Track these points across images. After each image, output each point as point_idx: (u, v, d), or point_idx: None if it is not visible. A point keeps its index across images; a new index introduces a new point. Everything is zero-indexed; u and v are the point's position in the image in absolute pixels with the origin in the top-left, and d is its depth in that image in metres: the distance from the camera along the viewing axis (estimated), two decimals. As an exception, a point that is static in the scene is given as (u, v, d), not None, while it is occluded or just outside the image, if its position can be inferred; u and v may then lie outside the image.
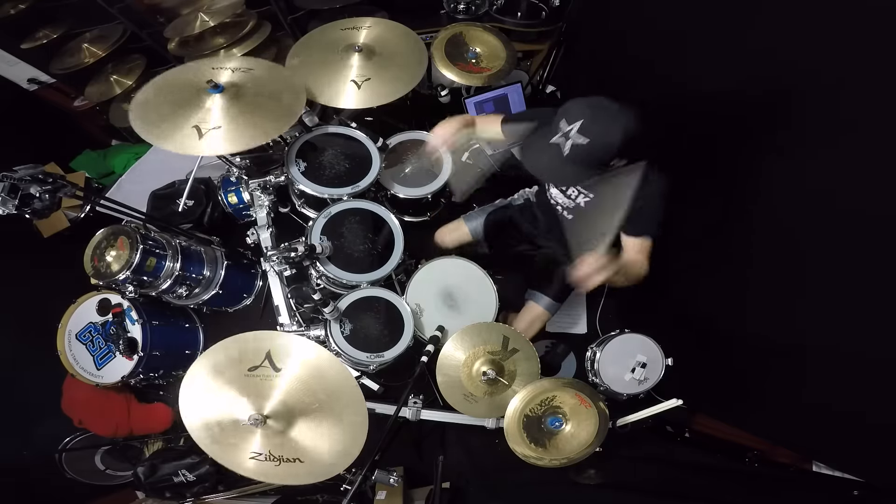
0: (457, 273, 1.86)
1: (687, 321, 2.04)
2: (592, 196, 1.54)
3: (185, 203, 2.22)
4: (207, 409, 1.22)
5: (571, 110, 1.19)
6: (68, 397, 2.02)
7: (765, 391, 1.82)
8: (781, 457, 1.92)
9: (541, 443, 1.45)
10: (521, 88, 2.43)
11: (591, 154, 1.18)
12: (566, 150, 1.19)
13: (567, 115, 1.20)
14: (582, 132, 1.16)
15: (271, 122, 1.62)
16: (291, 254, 1.62)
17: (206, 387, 1.23)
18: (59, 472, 2.01)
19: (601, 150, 1.18)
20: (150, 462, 1.97)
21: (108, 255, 1.80)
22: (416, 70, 1.92)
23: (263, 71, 1.74)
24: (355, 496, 1.17)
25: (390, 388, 1.92)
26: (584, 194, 1.56)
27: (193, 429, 1.20)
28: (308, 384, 1.26)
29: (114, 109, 2.60)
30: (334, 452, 1.23)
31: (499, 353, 1.57)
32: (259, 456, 1.20)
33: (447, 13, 2.59)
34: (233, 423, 1.21)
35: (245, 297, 2.27)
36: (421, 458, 2.07)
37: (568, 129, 1.18)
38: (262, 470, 1.20)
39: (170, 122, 1.57)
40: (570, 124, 1.18)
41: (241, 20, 2.36)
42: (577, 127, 1.16)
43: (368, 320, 1.73)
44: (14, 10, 2.30)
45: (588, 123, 1.16)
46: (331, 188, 1.82)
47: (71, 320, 1.92)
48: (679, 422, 2.07)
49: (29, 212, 1.48)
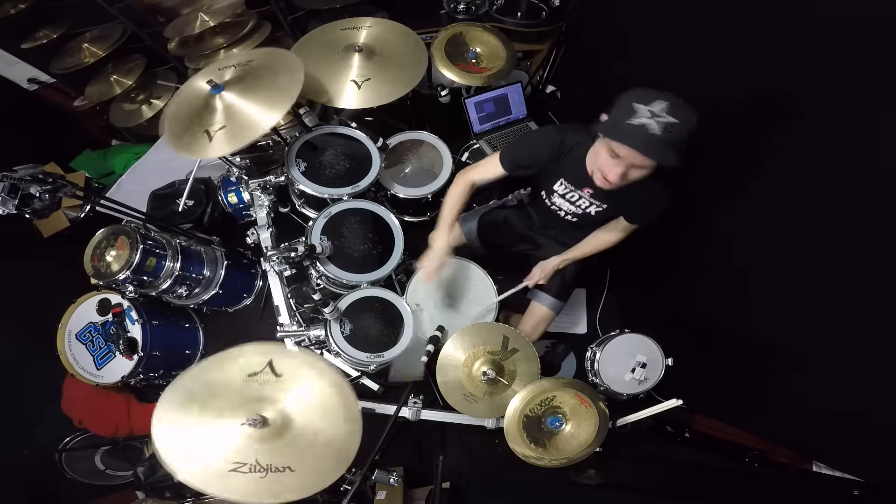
0: (457, 273, 1.86)
1: (687, 321, 2.04)
2: (605, 207, 1.55)
3: (185, 203, 2.22)
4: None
5: (642, 96, 1.20)
6: (68, 397, 2.02)
7: (764, 391, 1.82)
8: (781, 457, 1.92)
9: (541, 443, 1.45)
10: (521, 88, 2.43)
11: (681, 133, 1.18)
12: (659, 130, 1.17)
13: (640, 99, 1.19)
14: (670, 112, 1.16)
15: (271, 106, 1.62)
16: (291, 254, 1.62)
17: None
18: (59, 472, 2.01)
19: (687, 131, 1.18)
20: (150, 462, 1.96)
21: (108, 255, 1.80)
22: (416, 70, 1.91)
23: (262, 59, 1.75)
24: (355, 496, 1.17)
25: (390, 388, 1.92)
26: (595, 204, 1.57)
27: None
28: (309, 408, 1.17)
29: (114, 109, 2.60)
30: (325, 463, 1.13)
31: (499, 353, 1.57)
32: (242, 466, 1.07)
33: (447, 13, 2.59)
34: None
35: (245, 297, 2.27)
36: (421, 458, 2.07)
37: (650, 109, 1.17)
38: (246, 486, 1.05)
39: (189, 131, 1.61)
40: (649, 106, 1.18)
41: (241, 20, 2.36)
42: (664, 107, 1.17)
43: (368, 320, 1.73)
44: (14, 10, 2.31)
45: (671, 105, 1.17)
46: (331, 188, 1.82)
47: (71, 320, 1.92)
48: (679, 422, 2.07)
49: (29, 212, 1.48)
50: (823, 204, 1.34)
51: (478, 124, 2.43)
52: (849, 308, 1.38)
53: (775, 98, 1.38)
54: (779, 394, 1.76)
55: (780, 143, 1.42)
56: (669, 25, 1.76)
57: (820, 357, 1.54)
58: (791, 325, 1.58)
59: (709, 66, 1.60)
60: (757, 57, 1.41)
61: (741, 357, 1.86)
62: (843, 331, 1.42)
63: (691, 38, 1.67)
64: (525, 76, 2.75)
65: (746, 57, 1.45)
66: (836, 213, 1.31)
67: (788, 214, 1.46)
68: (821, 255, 1.41)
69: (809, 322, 1.52)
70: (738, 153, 1.56)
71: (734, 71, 1.50)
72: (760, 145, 1.48)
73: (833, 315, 1.44)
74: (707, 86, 1.62)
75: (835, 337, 1.45)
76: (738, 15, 1.44)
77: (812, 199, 1.37)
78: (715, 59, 1.56)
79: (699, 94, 1.63)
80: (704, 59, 1.61)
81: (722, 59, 1.54)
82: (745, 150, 1.54)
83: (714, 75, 1.58)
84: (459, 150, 2.44)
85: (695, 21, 1.63)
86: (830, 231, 1.35)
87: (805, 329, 1.54)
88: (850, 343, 1.42)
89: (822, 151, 1.30)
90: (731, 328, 1.84)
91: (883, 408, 1.40)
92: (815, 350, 1.54)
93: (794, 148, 1.38)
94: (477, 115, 2.41)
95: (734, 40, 1.48)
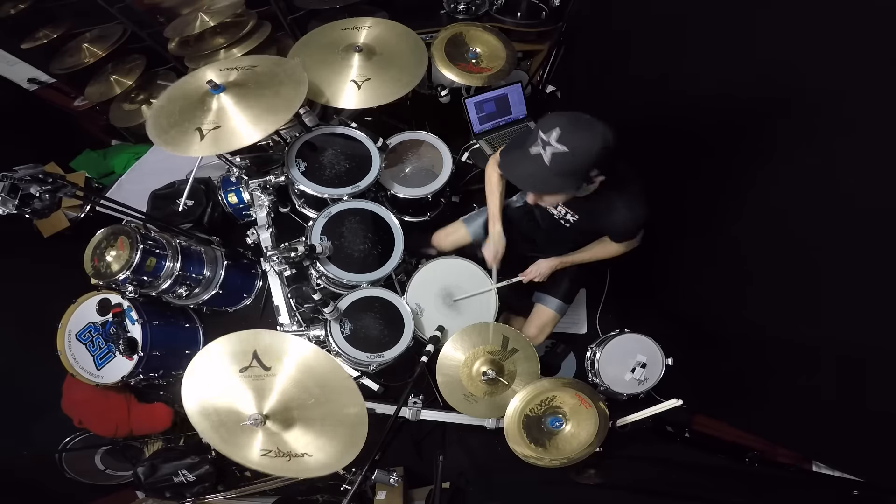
0: (457, 273, 1.86)
1: (687, 321, 2.04)
2: (578, 217, 1.56)
3: (185, 203, 2.22)
4: (212, 400, 1.23)
5: (548, 121, 1.21)
6: (68, 397, 2.02)
7: (765, 391, 1.82)
8: (781, 457, 1.92)
9: (541, 443, 1.44)
10: (521, 88, 2.43)
11: (572, 163, 1.20)
12: (547, 159, 1.20)
13: (543, 126, 1.21)
14: (561, 141, 1.18)
15: (272, 114, 1.61)
16: (291, 254, 1.62)
17: (210, 378, 1.24)
18: (59, 472, 2.01)
19: (581, 158, 1.19)
20: (150, 462, 1.97)
21: (108, 255, 1.80)
22: (416, 70, 1.91)
23: (267, 66, 1.74)
24: (355, 496, 1.16)
25: (390, 388, 1.92)
26: (570, 213, 1.57)
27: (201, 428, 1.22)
28: (300, 380, 1.25)
29: (114, 109, 2.60)
30: (336, 448, 1.24)
31: (499, 353, 1.57)
32: (270, 453, 1.22)
33: (447, 13, 2.59)
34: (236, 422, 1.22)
35: (245, 297, 2.27)
36: (421, 458, 2.07)
37: (546, 137, 1.19)
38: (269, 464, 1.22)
39: (178, 127, 1.59)
40: (547, 133, 1.19)
41: (241, 20, 2.36)
42: (556, 135, 1.18)
43: (368, 320, 1.73)
44: (14, 10, 2.31)
45: (566, 132, 1.17)
46: (331, 188, 1.82)
47: (71, 320, 1.92)
48: (679, 422, 2.06)
49: (29, 212, 1.48)
50: (824, 204, 1.34)
51: (478, 124, 2.43)
52: (848, 308, 1.39)
53: (776, 98, 1.38)
54: (779, 393, 1.76)
55: (779, 144, 1.42)
56: (670, 25, 1.76)
57: (820, 357, 1.54)
58: (791, 325, 1.58)
59: (709, 65, 1.60)
60: (757, 57, 1.41)
61: (741, 357, 1.86)
62: (843, 331, 1.42)
63: (692, 38, 1.66)
64: (525, 76, 2.75)
65: (747, 55, 1.44)
66: (836, 213, 1.31)
67: (789, 214, 1.46)
68: (820, 256, 1.41)
69: (809, 322, 1.52)
70: (738, 153, 1.56)
71: (734, 70, 1.50)
72: (760, 145, 1.48)
73: (833, 315, 1.44)
74: (706, 85, 1.62)
75: (834, 337, 1.45)
76: (739, 15, 1.44)
77: (813, 200, 1.37)
78: (715, 59, 1.56)
79: (699, 94, 1.65)
80: (704, 58, 1.61)
81: (722, 59, 1.53)
82: (745, 149, 1.54)
83: (714, 75, 1.58)
84: (459, 150, 2.44)
85: (695, 21, 1.63)
86: (830, 231, 1.35)
87: (805, 329, 1.54)
88: (849, 343, 1.42)
89: (822, 152, 1.30)
90: (731, 328, 1.84)
91: (882, 408, 1.40)
92: (814, 350, 1.54)
93: (793, 148, 1.38)
94: (477, 115, 2.41)
95: (735, 40, 1.48)
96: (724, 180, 1.64)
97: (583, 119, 1.20)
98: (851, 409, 1.50)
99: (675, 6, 1.71)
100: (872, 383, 1.41)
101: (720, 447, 2.03)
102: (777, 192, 1.47)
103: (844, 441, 1.62)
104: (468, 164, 2.40)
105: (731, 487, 1.85)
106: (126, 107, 2.58)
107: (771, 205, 1.51)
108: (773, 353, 1.70)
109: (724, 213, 1.70)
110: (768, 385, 1.79)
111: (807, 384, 1.63)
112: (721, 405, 2.07)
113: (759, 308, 1.70)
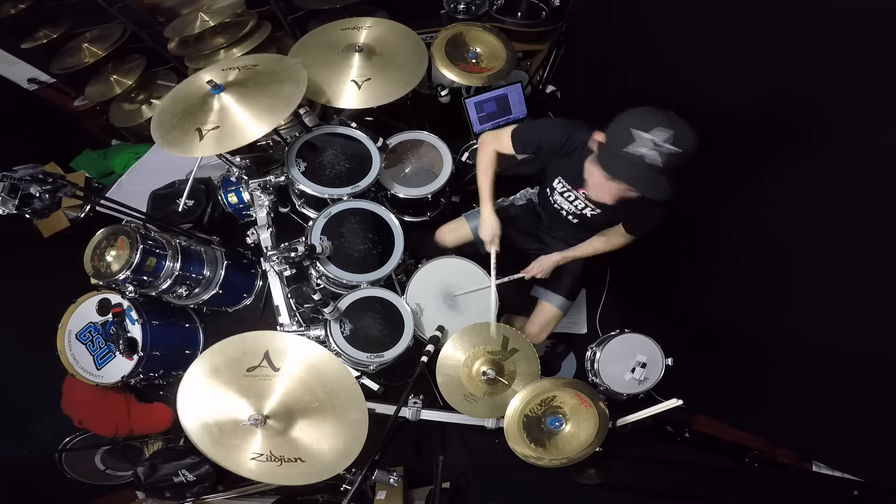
0: (457, 273, 1.86)
1: (687, 321, 2.04)
2: (599, 211, 1.56)
3: (185, 203, 2.22)
4: (206, 411, 1.22)
5: (642, 120, 1.17)
6: (68, 397, 2.02)
7: (764, 391, 1.82)
8: (781, 457, 1.92)
9: (541, 443, 1.45)
10: (521, 88, 2.43)
11: (680, 164, 1.16)
12: (660, 160, 1.16)
13: (640, 125, 1.16)
14: (675, 143, 1.14)
15: (269, 113, 1.60)
16: (291, 254, 1.62)
17: (204, 388, 1.23)
18: (59, 472, 2.01)
19: (688, 158, 1.17)
20: (150, 462, 1.97)
21: (108, 255, 1.80)
22: (416, 70, 1.92)
23: (267, 65, 1.74)
24: (355, 496, 1.17)
25: (390, 388, 1.92)
26: (590, 207, 1.57)
27: (193, 431, 1.20)
28: (307, 383, 1.26)
29: (114, 109, 2.60)
30: (336, 451, 1.24)
31: (499, 353, 1.57)
32: (260, 457, 1.20)
33: (447, 13, 2.59)
34: (233, 424, 1.21)
35: (245, 297, 2.27)
36: (421, 458, 2.07)
37: (651, 138, 1.15)
38: (263, 471, 1.20)
39: (179, 128, 1.59)
40: (650, 133, 1.15)
41: (241, 20, 2.36)
42: (668, 137, 1.14)
43: (368, 320, 1.73)
44: (14, 10, 2.30)
45: (679, 134, 1.14)
46: (331, 188, 1.82)
47: (71, 320, 1.92)
48: (679, 422, 2.07)
49: (29, 212, 1.48)
50: (823, 204, 1.34)
51: (478, 124, 2.43)
52: (848, 308, 1.38)
53: (776, 99, 1.38)
54: (779, 394, 1.76)
55: (783, 145, 1.42)
56: (670, 25, 1.76)
57: (819, 357, 1.54)
58: (791, 325, 1.58)
59: (709, 65, 1.60)
60: (757, 57, 1.41)
61: (741, 357, 1.86)
62: (843, 331, 1.42)
63: (692, 38, 1.66)
64: (525, 76, 2.75)
65: (746, 55, 1.44)
66: (836, 213, 1.31)
67: (788, 214, 1.46)
68: (821, 255, 1.41)
69: (809, 322, 1.52)
70: (740, 155, 1.56)
71: (733, 70, 1.50)
72: (763, 147, 1.48)
73: (833, 315, 1.44)
74: (706, 85, 1.62)
75: (834, 337, 1.45)
76: (739, 15, 1.44)
77: (812, 200, 1.37)
78: (715, 60, 1.56)
79: (699, 94, 1.65)
80: (705, 59, 1.61)
81: (723, 60, 1.53)
82: (747, 151, 1.54)
83: (713, 75, 1.58)
84: (459, 150, 2.44)
85: (696, 21, 1.63)
86: (830, 231, 1.35)
87: (805, 329, 1.54)
88: (849, 343, 1.42)
89: (821, 152, 1.31)
90: (731, 328, 1.84)
91: (883, 408, 1.40)
92: (814, 350, 1.54)
93: (794, 149, 1.38)
94: (477, 115, 2.41)
95: (735, 40, 1.47)
96: (724, 181, 1.64)
97: (675, 118, 1.17)
98: (851, 409, 1.50)
99: (675, 6, 1.71)
100: (872, 383, 1.41)
101: (720, 447, 2.03)
102: (779, 193, 1.47)
103: (844, 441, 1.61)
104: (468, 164, 2.40)
105: (731, 487, 1.85)
106: (126, 107, 2.58)
107: (772, 205, 1.51)
108: (773, 353, 1.70)
109: (724, 214, 1.71)
110: (768, 385, 1.79)
111: (807, 384, 1.63)
112: (721, 405, 2.07)
113: (759, 308, 1.70)
